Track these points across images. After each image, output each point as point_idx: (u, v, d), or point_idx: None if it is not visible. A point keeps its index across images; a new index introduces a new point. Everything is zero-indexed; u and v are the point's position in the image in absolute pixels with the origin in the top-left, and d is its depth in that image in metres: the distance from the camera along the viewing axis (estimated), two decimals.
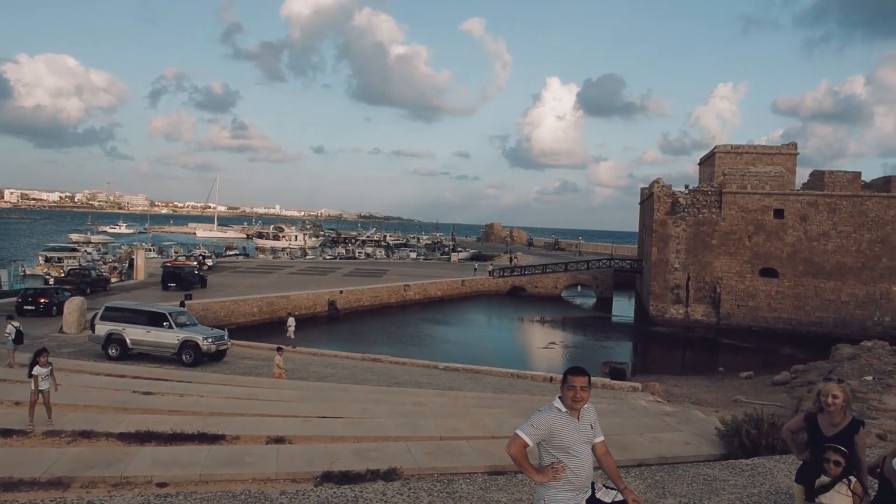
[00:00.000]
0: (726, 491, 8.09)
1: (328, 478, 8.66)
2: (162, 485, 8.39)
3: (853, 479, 5.22)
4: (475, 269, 64.25)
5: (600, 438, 4.91)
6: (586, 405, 4.81)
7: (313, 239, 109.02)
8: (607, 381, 22.51)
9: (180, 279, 43.73)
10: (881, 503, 5.77)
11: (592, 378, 20.66)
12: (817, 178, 45.89)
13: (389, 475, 8.77)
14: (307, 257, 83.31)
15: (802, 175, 52.31)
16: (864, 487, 5.38)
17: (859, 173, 44.74)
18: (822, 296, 44.13)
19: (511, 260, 75.90)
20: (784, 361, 33.17)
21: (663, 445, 11.36)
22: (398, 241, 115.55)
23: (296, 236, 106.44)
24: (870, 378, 22.09)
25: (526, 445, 4.62)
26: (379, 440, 10.89)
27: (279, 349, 20.68)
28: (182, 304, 30.38)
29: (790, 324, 44.23)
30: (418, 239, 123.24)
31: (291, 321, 29.54)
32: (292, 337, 28.56)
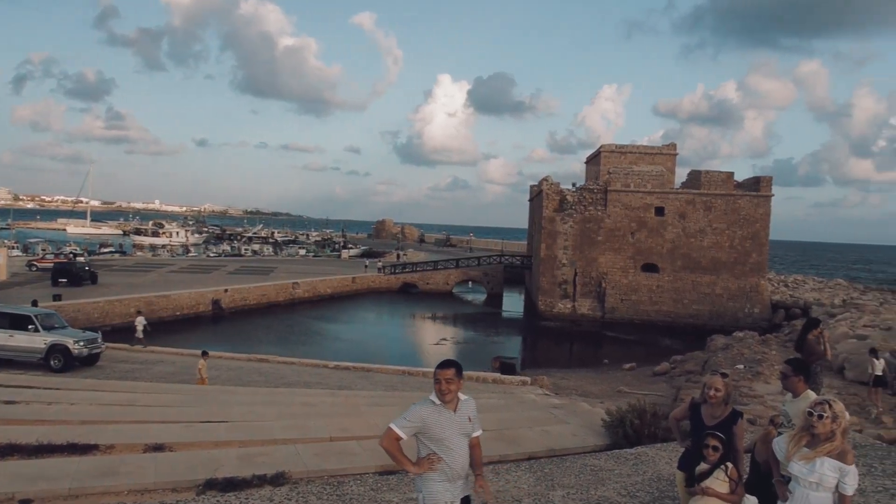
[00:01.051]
0: (612, 480, 8.27)
1: (212, 485, 8.24)
2: (25, 501, 7.73)
3: (730, 465, 5.41)
4: (366, 266, 63.75)
5: (477, 433, 4.95)
6: (466, 398, 4.91)
7: (196, 236, 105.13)
8: (497, 375, 22.76)
9: (71, 275, 41.54)
10: (752, 484, 6.06)
11: (483, 374, 20.74)
12: (695, 178, 48.25)
13: (277, 479, 8.46)
14: (190, 255, 79.93)
15: (681, 174, 55.02)
16: (740, 474, 5.60)
17: (732, 173, 47.39)
18: (699, 289, 46.47)
19: (398, 257, 75.68)
20: (664, 353, 34.66)
21: (552, 438, 11.53)
22: (287, 238, 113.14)
23: (177, 233, 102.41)
24: (741, 366, 23.38)
25: (399, 438, 4.73)
26: (266, 443, 10.51)
27: (204, 353, 19.39)
28: (35, 304, 28.13)
29: (669, 316, 46.35)
30: (308, 236, 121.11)
31: (140, 319, 28.00)
32: (140, 337, 27.18)
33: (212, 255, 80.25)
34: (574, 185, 50.58)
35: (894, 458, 10.05)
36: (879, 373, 18.52)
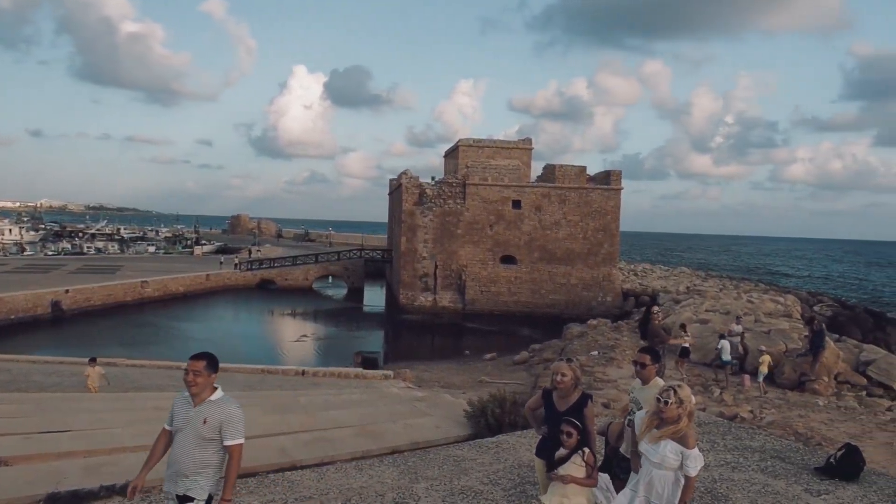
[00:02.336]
0: (474, 469, 8.35)
1: (55, 500, 7.63)
2: None
3: (586, 450, 5.59)
4: (221, 263, 61.43)
5: (230, 442, 4.80)
6: (218, 399, 4.88)
7: (32, 233, 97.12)
8: (360, 370, 22.59)
9: None
10: (605, 465, 6.29)
11: (345, 369, 20.38)
12: (549, 172, 49.95)
13: (127, 490, 7.91)
14: (25, 253, 73.70)
15: (536, 168, 56.63)
16: (595, 457, 5.79)
17: (585, 167, 49.48)
18: (555, 280, 48.23)
19: (250, 253, 73.30)
20: (523, 342, 35.66)
21: (415, 431, 11.54)
22: (134, 235, 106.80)
23: (10, 230, 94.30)
24: (595, 353, 24.48)
25: (164, 428, 4.95)
26: (114, 452, 9.84)
27: (92, 360, 17.72)
28: None
29: (528, 307, 47.80)
30: (157, 232, 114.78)
31: None
32: None
33: (50, 253, 74.35)
34: (433, 178, 51.05)
35: (734, 433, 10.81)
36: (727, 357, 20.11)
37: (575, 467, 5.55)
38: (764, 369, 19.41)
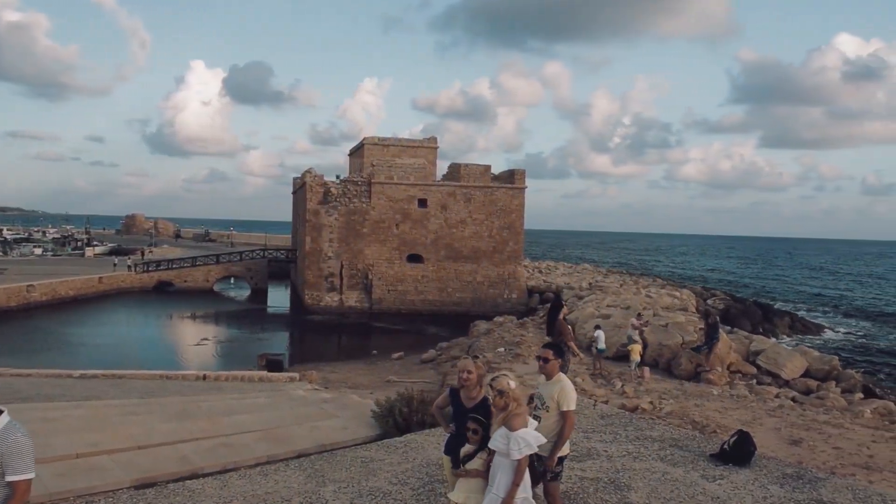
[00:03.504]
0: (383, 470, 8.28)
1: None
2: None
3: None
4: (115, 265, 58.74)
5: (13, 478, 3.97)
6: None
7: None
8: (264, 373, 22.05)
9: None
10: None
11: (248, 372, 19.92)
12: (454, 171, 50.31)
13: None
14: None
15: (442, 167, 56.94)
16: None
17: (489, 166, 50.10)
18: (462, 278, 48.60)
19: (143, 254, 70.34)
20: (431, 340, 35.75)
21: (322, 433, 11.35)
22: (18, 236, 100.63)
23: None
24: (502, 349, 24.80)
25: None
26: None
27: None
28: None
29: (435, 305, 47.98)
30: (44, 232, 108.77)
31: None
32: None
33: None
34: (338, 177, 50.52)
35: (635, 424, 11.14)
36: (601, 346, 20.99)
37: (480, 463, 5.57)
38: (635, 357, 20.39)
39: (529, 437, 5.31)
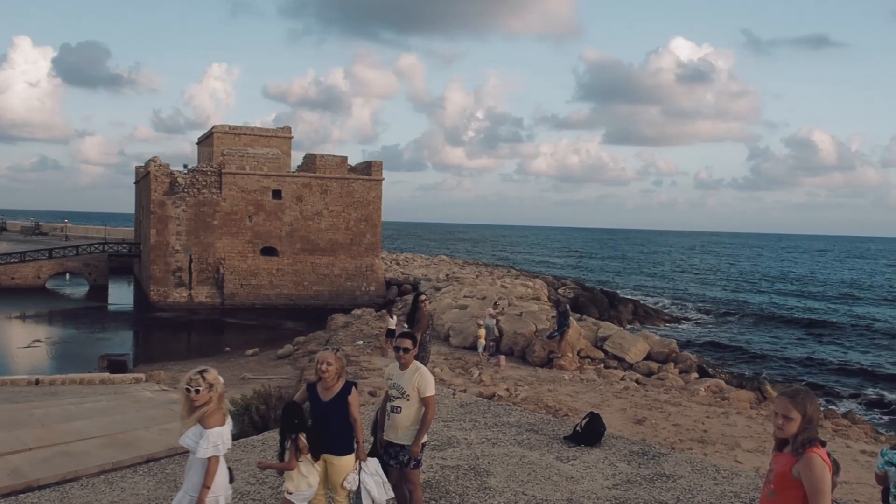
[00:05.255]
0: (240, 470, 8.00)
1: None
2: None
3: (300, 436, 5.67)
4: None
5: None
6: None
7: None
8: (106, 375, 20.73)
9: None
10: (374, 450, 6.36)
11: (89, 375, 18.68)
12: (310, 161, 49.38)
13: None
14: None
15: (297, 158, 55.75)
16: (360, 442, 5.94)
17: (346, 158, 49.56)
18: (318, 271, 47.87)
19: None
20: (287, 335, 34.97)
21: (173, 436, 10.77)
22: None
23: None
24: (361, 342, 24.66)
25: None
26: None
27: None
28: None
29: (291, 299, 46.98)
30: None
31: None
32: None
33: None
34: (186, 166, 48.28)
35: (493, 411, 11.39)
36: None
37: (288, 454, 5.65)
38: (482, 342, 21.10)
39: (224, 437, 5.19)
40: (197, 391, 5.07)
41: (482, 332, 21.54)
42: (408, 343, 6.33)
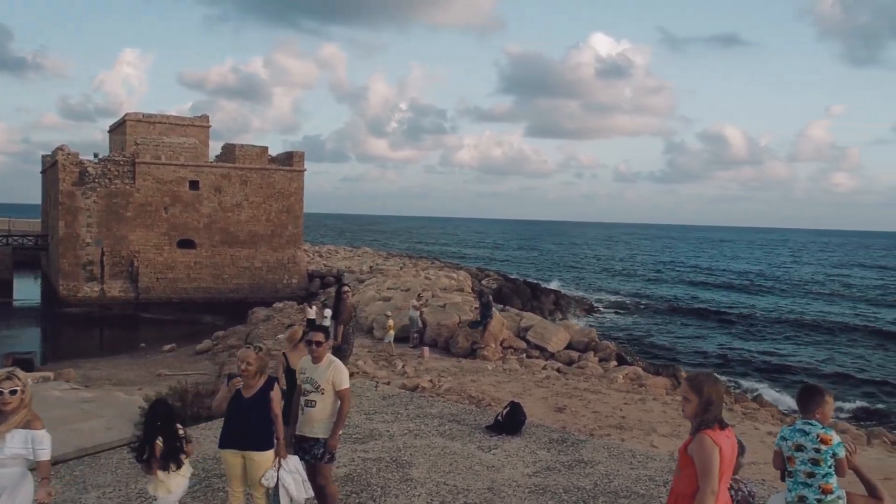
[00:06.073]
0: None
1: None
2: None
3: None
4: None
5: None
6: None
7: None
8: None
9: None
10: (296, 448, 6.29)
11: None
12: (229, 151, 48.17)
13: None
14: None
15: (215, 148, 54.32)
16: (280, 439, 5.93)
17: (266, 148, 48.54)
18: (239, 263, 46.83)
19: None
20: (206, 330, 34.11)
21: (83, 436, 10.39)
22: None
23: None
24: (282, 336, 24.21)
25: None
26: None
27: None
28: None
29: (210, 292, 45.81)
30: None
31: None
32: None
33: None
34: (97, 155, 46.31)
35: (416, 402, 11.40)
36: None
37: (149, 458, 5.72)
38: (391, 332, 21.21)
39: (45, 442, 4.80)
40: (13, 392, 4.56)
41: (391, 322, 21.68)
42: (320, 337, 6.32)
